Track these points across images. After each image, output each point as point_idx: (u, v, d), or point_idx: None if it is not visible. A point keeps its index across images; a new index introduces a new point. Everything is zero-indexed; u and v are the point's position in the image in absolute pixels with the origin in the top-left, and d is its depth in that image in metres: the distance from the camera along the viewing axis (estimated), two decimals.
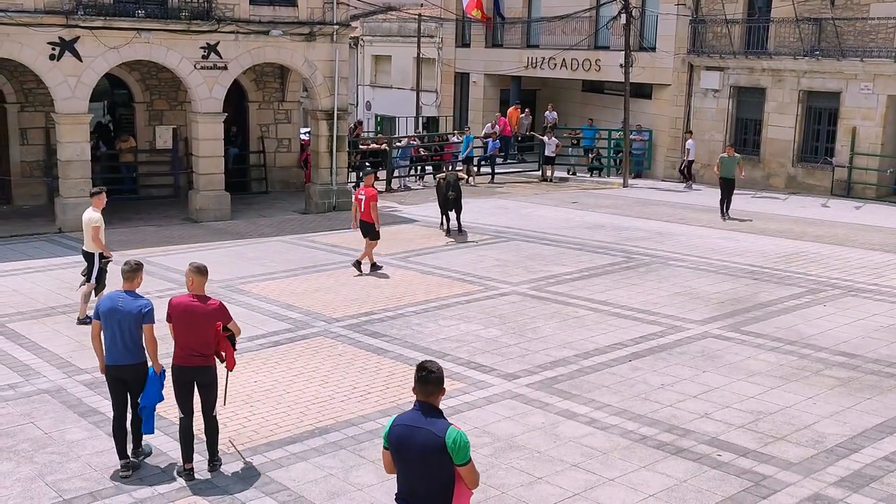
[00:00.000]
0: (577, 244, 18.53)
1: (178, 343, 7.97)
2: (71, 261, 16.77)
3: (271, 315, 13.29)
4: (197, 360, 7.96)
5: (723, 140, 28.16)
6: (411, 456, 5.30)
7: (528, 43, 34.00)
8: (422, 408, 5.35)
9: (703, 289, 14.82)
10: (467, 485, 5.35)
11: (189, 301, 7.99)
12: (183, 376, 8.02)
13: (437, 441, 5.21)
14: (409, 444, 5.29)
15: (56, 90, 19.42)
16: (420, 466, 5.29)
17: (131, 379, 8.07)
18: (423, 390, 5.37)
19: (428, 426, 5.27)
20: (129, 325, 7.95)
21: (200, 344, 7.94)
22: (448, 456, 5.22)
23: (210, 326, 7.96)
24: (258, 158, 25.61)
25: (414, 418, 5.34)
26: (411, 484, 5.37)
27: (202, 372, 8.00)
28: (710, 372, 10.85)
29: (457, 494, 5.33)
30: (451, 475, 5.29)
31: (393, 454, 5.41)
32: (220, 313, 8.02)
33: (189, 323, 7.91)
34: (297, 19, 21.78)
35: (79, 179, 19.72)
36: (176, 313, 7.95)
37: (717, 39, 27.75)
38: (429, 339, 12.12)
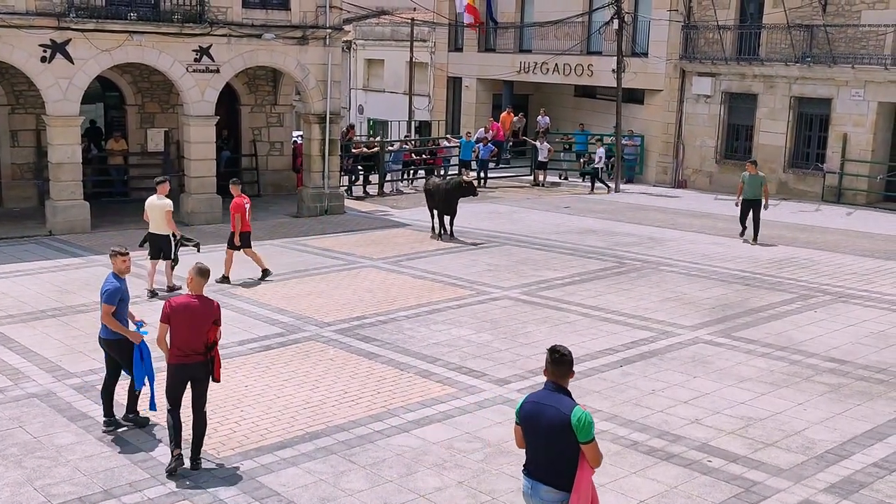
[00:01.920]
0: (569, 249, 18.55)
1: (177, 342, 8.11)
2: (61, 264, 16.72)
3: (262, 319, 13.26)
4: (196, 358, 8.16)
5: (715, 146, 28.27)
6: (540, 430, 5.78)
7: (520, 48, 34.03)
8: (552, 387, 5.87)
9: (695, 294, 14.84)
10: (589, 462, 5.76)
11: (189, 300, 8.19)
12: (181, 374, 8.19)
13: (563, 418, 5.68)
14: (539, 419, 5.78)
15: (47, 92, 19.36)
16: (547, 441, 5.76)
17: (111, 351, 9.13)
18: (556, 371, 5.89)
19: (556, 404, 5.76)
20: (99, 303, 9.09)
21: (201, 342, 8.14)
22: (573, 433, 5.66)
23: (207, 325, 8.17)
24: (250, 162, 25.56)
25: (544, 396, 5.86)
26: (538, 457, 5.85)
27: (199, 368, 8.21)
28: (701, 377, 10.86)
29: (580, 470, 5.74)
30: (575, 451, 5.71)
31: (524, 429, 5.91)
32: (217, 312, 8.30)
33: (191, 322, 8.09)
34: (289, 23, 21.77)
35: (69, 182, 19.66)
36: (176, 313, 8.09)
37: (709, 45, 27.83)
38: (420, 343, 12.10)
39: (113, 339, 8.99)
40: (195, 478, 8.11)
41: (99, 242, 18.72)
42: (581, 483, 5.75)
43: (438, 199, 19.57)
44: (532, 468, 5.89)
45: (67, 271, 16.15)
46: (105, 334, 9.06)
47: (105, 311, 8.88)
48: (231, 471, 8.28)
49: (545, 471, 5.81)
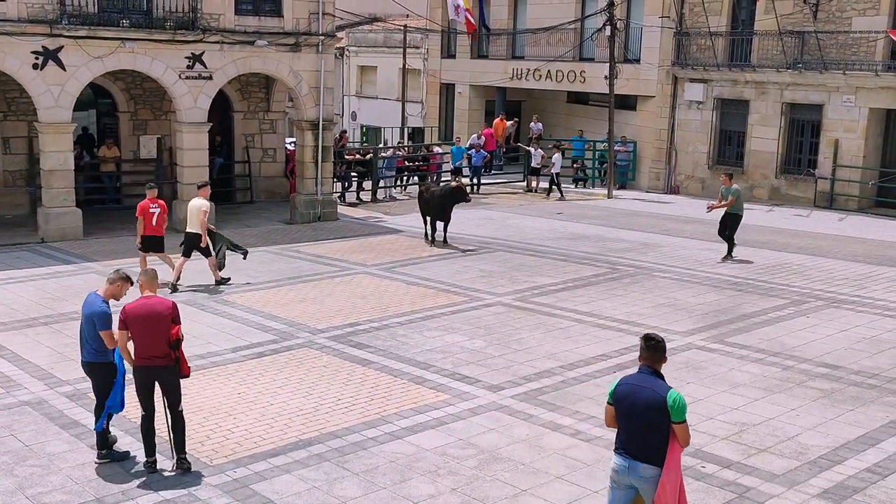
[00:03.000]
0: (562, 255, 18.57)
1: (138, 347, 8.18)
2: (54, 271, 16.67)
3: (255, 326, 13.24)
4: (157, 361, 8.16)
5: (707, 151, 28.35)
6: (637, 411, 6.20)
7: (513, 54, 34.13)
8: (647, 371, 6.31)
9: (687, 300, 14.87)
10: (679, 442, 6.19)
11: (141, 304, 8.21)
12: (145, 376, 8.22)
13: (659, 399, 6.12)
14: (634, 400, 6.21)
15: (39, 99, 19.32)
16: (641, 420, 6.19)
17: (90, 376, 8.61)
18: (651, 357, 6.33)
19: (652, 386, 6.20)
20: (84, 325, 8.44)
21: (159, 344, 8.12)
22: (667, 413, 6.11)
23: (166, 325, 8.14)
24: (243, 168, 25.54)
25: (639, 379, 6.30)
26: (631, 436, 6.26)
27: (164, 371, 8.20)
28: (694, 383, 10.87)
29: (670, 448, 6.17)
30: (667, 431, 6.15)
31: (616, 409, 6.33)
32: (174, 311, 8.24)
33: (148, 325, 8.10)
34: (282, 30, 21.78)
35: (62, 189, 19.61)
36: (132, 318, 8.12)
37: (702, 52, 27.93)
38: (413, 350, 12.10)
39: (99, 363, 8.43)
40: (187, 485, 8.08)
41: (91, 250, 18.69)
42: (672, 461, 6.18)
43: (433, 206, 19.58)
44: (628, 447, 6.28)
45: (59, 278, 16.10)
46: (88, 357, 8.45)
47: (108, 336, 8.30)
48: (224, 478, 8.26)
49: (641, 449, 6.21)
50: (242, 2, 21.41)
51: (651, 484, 6.20)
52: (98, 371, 8.46)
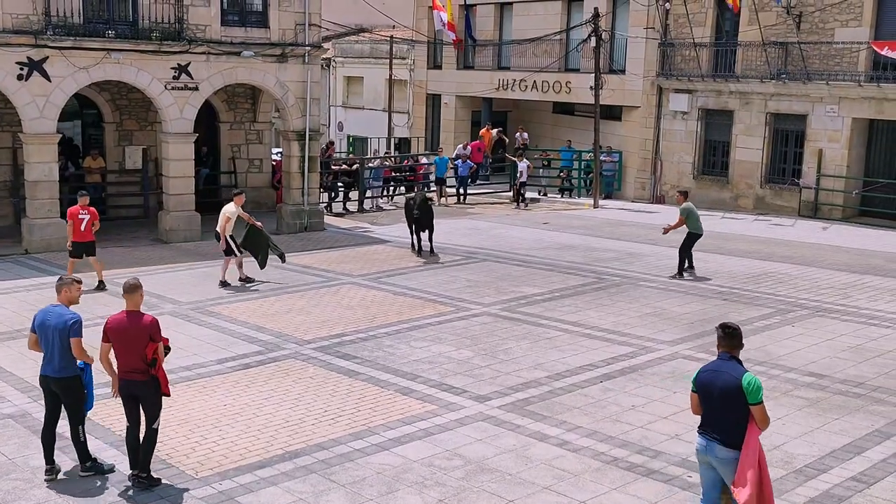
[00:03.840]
0: (548, 265, 18.60)
1: (118, 360, 8.16)
2: (38, 282, 16.56)
3: (241, 337, 13.19)
4: (135, 376, 8.12)
5: (692, 161, 28.48)
6: (714, 394, 6.72)
7: (499, 65, 34.23)
8: (726, 357, 6.82)
9: (673, 309, 14.91)
10: (758, 423, 6.61)
11: (120, 318, 8.17)
12: (125, 390, 8.22)
13: (735, 382, 6.60)
14: (714, 384, 6.73)
15: (24, 110, 19.25)
16: (721, 403, 6.68)
17: (60, 391, 8.29)
18: (729, 344, 6.84)
19: (729, 370, 6.70)
20: (55, 338, 8.17)
21: (136, 360, 8.06)
22: (743, 395, 6.57)
23: (142, 342, 8.05)
24: (229, 179, 25.49)
25: (719, 365, 6.82)
26: (713, 419, 6.78)
27: (140, 386, 8.14)
28: (681, 393, 10.88)
29: (749, 431, 6.60)
30: (745, 413, 6.61)
31: (700, 395, 6.87)
32: (152, 328, 8.10)
33: (124, 339, 8.07)
34: (268, 40, 21.78)
35: (46, 200, 19.53)
36: (112, 331, 8.12)
37: (686, 62, 28.09)
38: (400, 360, 12.08)
39: (71, 377, 8.21)
40: (173, 498, 8.03)
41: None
42: (750, 442, 6.58)
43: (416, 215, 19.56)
44: (708, 429, 6.82)
45: (43, 290, 15.95)
46: (60, 372, 8.17)
47: (77, 344, 8.11)
48: (210, 490, 8.21)
49: (719, 431, 6.72)
50: (229, 13, 21.43)
51: (728, 466, 6.69)
52: (72, 385, 8.24)
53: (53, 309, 8.32)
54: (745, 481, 6.54)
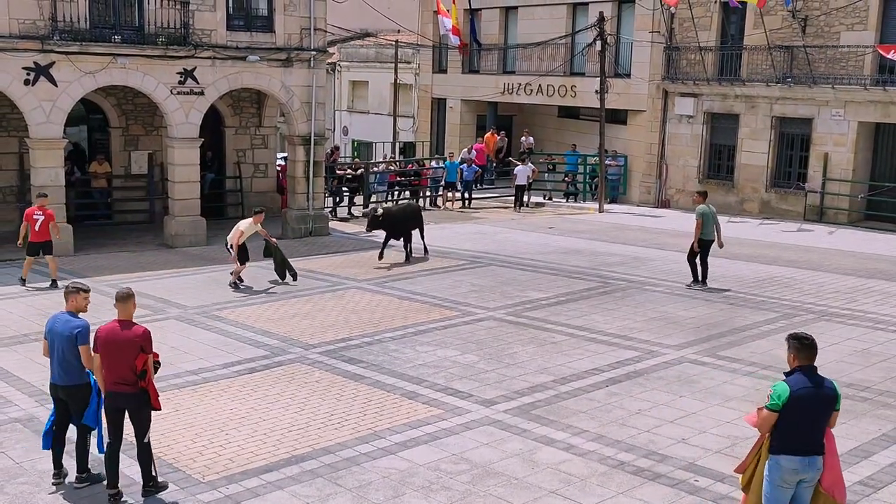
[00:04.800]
0: (554, 269, 18.59)
1: (105, 370, 7.96)
2: (44, 287, 16.59)
3: (247, 341, 13.20)
4: (123, 388, 7.92)
5: (698, 165, 28.45)
6: (817, 409, 6.57)
7: (504, 69, 34.25)
8: (808, 370, 6.63)
9: (679, 314, 14.89)
10: (831, 425, 6.71)
11: (111, 328, 7.98)
12: (112, 402, 8.03)
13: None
14: (817, 399, 6.54)
15: (30, 115, 19.31)
16: (819, 416, 6.58)
17: (68, 399, 8.24)
18: (809, 354, 6.66)
19: (825, 382, 6.62)
20: (61, 345, 8.10)
21: (125, 370, 7.87)
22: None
23: (132, 352, 7.86)
24: (234, 183, 25.53)
25: (809, 379, 6.60)
26: (808, 434, 6.57)
27: (129, 399, 7.96)
28: (687, 397, 10.88)
29: (827, 434, 6.69)
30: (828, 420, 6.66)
31: (791, 412, 6.50)
32: (143, 339, 7.91)
33: (112, 350, 7.88)
34: (274, 45, 21.83)
35: (52, 205, 19.52)
36: (100, 341, 7.94)
37: (691, 66, 28.08)
38: (406, 365, 12.08)
39: (80, 384, 8.17)
40: (182, 502, 8.04)
41: (82, 266, 18.64)
42: (832, 443, 6.70)
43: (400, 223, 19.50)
44: (802, 446, 6.57)
45: (50, 295, 16.02)
46: (68, 380, 8.15)
47: (85, 352, 8.02)
48: (217, 495, 8.21)
49: (815, 443, 6.60)
50: (234, 17, 21.49)
51: (819, 472, 6.68)
52: (79, 392, 8.18)
53: (61, 316, 8.25)
54: (839, 478, 6.75)
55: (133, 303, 8.11)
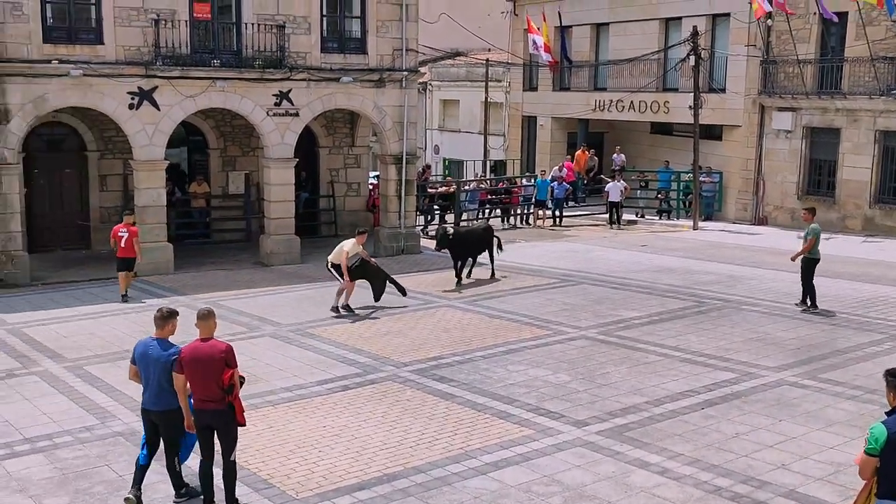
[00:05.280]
0: (647, 288, 18.29)
1: (193, 388, 8.08)
2: (146, 304, 17.14)
3: (340, 359, 13.36)
4: (211, 405, 8.01)
5: (796, 181, 27.64)
6: None
7: (595, 86, 33.99)
8: None
9: (778, 334, 14.45)
10: None
11: (194, 347, 8.06)
12: (200, 419, 8.13)
13: None
14: None
15: (134, 138, 20.04)
16: None
17: (160, 423, 8.32)
18: None
19: None
20: (157, 372, 8.14)
21: (211, 387, 7.96)
22: None
23: (217, 369, 7.94)
24: (328, 202, 25.96)
25: None
26: None
27: (216, 416, 8.05)
28: (787, 421, 10.53)
29: None
30: None
31: (886, 457, 6.08)
32: (227, 354, 8.01)
33: (197, 367, 7.97)
34: (367, 66, 22.17)
35: (154, 224, 20.24)
36: (186, 361, 8.02)
37: (789, 80, 27.35)
38: (497, 384, 12.03)
39: (172, 410, 8.20)
40: None
41: (181, 283, 19.21)
42: None
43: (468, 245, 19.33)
44: None
45: (152, 312, 16.49)
46: (161, 405, 8.21)
47: (178, 379, 8.07)
48: None
49: None
50: (328, 40, 21.91)
51: None
52: (171, 417, 8.22)
53: (153, 342, 8.26)
54: None
55: (214, 321, 8.19)
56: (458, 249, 18.96)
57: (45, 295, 18.25)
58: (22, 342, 14.55)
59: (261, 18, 20.75)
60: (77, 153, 22.89)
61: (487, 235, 19.79)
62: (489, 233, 19.93)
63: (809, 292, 16.14)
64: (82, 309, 16.91)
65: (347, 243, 16.41)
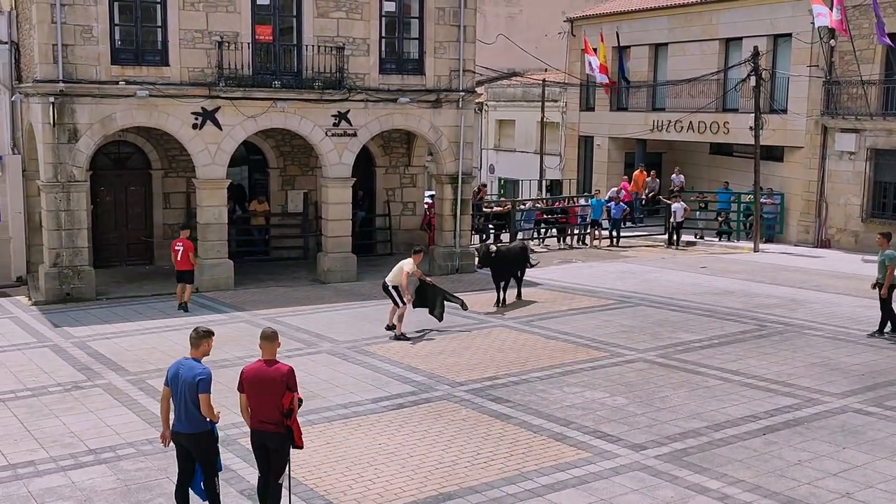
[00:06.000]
0: (706, 311, 18.04)
1: (252, 409, 8.06)
2: (206, 320, 17.35)
3: (395, 377, 13.42)
4: (269, 427, 7.99)
5: (860, 204, 27.08)
6: None
7: (653, 106, 33.77)
8: None
9: (842, 360, 14.14)
10: None
11: (257, 367, 8.05)
12: (257, 439, 8.14)
13: None
14: None
15: (197, 157, 20.45)
16: None
17: (191, 447, 8.17)
18: None
19: None
20: (185, 393, 8.02)
21: (270, 409, 7.93)
22: None
23: (278, 391, 7.91)
24: (384, 221, 26.14)
25: None
26: None
27: (272, 438, 8.04)
28: (851, 448, 10.29)
29: None
30: None
31: None
32: (288, 378, 7.96)
33: (257, 389, 7.96)
34: (424, 87, 22.34)
35: (216, 241, 20.58)
36: (247, 381, 8.03)
37: (853, 101, 26.84)
38: (553, 406, 11.96)
39: (201, 433, 8.10)
40: None
41: (241, 300, 19.47)
42: None
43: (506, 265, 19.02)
44: None
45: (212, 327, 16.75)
46: (190, 428, 8.07)
47: (205, 401, 7.96)
48: None
49: None
50: (386, 61, 22.14)
51: None
52: (203, 440, 8.11)
53: (186, 362, 8.17)
54: None
55: (278, 342, 8.18)
56: (499, 268, 18.75)
57: (110, 309, 18.66)
58: (87, 355, 14.89)
59: (321, 40, 21.06)
60: (142, 171, 23.44)
61: (524, 254, 19.77)
62: (525, 251, 19.91)
63: (891, 318, 15.68)
64: (145, 323, 17.25)
65: (406, 263, 16.18)
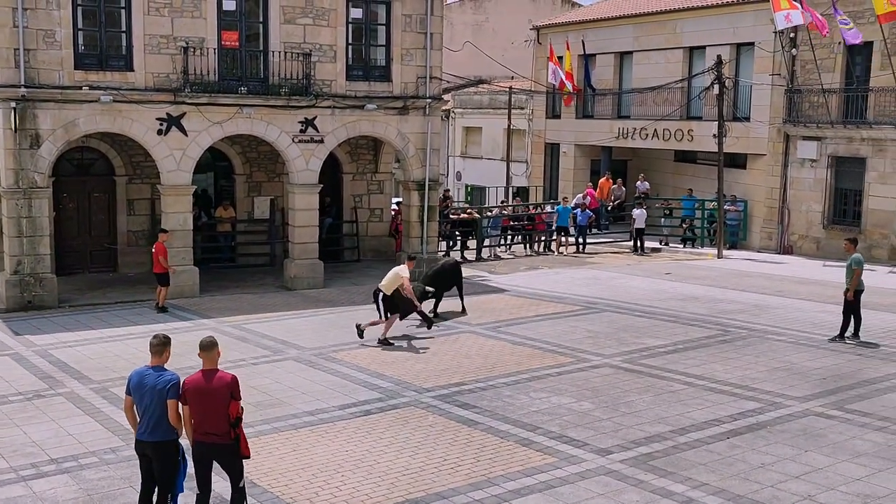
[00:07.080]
0: (671, 316, 18.21)
1: (195, 420, 7.81)
2: (172, 327, 17.24)
3: (362, 384, 13.39)
4: (215, 438, 7.77)
5: (822, 210, 27.49)
6: None
7: (618, 114, 34.09)
8: None
9: (804, 364, 14.34)
10: None
11: (199, 378, 7.81)
12: (201, 452, 7.87)
13: None
14: None
15: (162, 163, 20.28)
16: None
17: (154, 456, 7.94)
18: None
19: None
20: (152, 401, 7.82)
21: (216, 420, 7.72)
22: None
23: (223, 401, 7.71)
24: (351, 228, 26.10)
25: None
26: None
27: (221, 450, 7.83)
28: (813, 451, 10.43)
29: None
30: None
31: None
32: (233, 386, 7.77)
33: (201, 400, 7.72)
34: (391, 94, 22.36)
35: (181, 248, 20.41)
36: (188, 393, 7.78)
37: (814, 109, 27.29)
38: (520, 411, 12.00)
39: (168, 441, 7.88)
40: None
41: (207, 307, 19.33)
42: None
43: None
44: None
45: (177, 334, 16.53)
46: (156, 436, 7.84)
47: (174, 407, 7.74)
48: None
49: None
50: (353, 68, 22.13)
51: None
52: (168, 450, 7.91)
53: (149, 371, 7.94)
54: None
55: (218, 351, 7.92)
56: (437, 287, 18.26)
57: (72, 317, 18.42)
58: (49, 363, 14.69)
59: (287, 46, 21.00)
60: (106, 177, 23.17)
61: (455, 272, 19.12)
62: (456, 269, 19.30)
63: (857, 322, 15.90)
64: (108, 331, 17.06)
65: (404, 270, 16.25)
